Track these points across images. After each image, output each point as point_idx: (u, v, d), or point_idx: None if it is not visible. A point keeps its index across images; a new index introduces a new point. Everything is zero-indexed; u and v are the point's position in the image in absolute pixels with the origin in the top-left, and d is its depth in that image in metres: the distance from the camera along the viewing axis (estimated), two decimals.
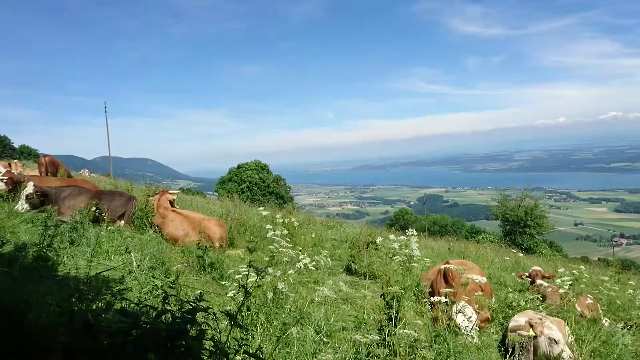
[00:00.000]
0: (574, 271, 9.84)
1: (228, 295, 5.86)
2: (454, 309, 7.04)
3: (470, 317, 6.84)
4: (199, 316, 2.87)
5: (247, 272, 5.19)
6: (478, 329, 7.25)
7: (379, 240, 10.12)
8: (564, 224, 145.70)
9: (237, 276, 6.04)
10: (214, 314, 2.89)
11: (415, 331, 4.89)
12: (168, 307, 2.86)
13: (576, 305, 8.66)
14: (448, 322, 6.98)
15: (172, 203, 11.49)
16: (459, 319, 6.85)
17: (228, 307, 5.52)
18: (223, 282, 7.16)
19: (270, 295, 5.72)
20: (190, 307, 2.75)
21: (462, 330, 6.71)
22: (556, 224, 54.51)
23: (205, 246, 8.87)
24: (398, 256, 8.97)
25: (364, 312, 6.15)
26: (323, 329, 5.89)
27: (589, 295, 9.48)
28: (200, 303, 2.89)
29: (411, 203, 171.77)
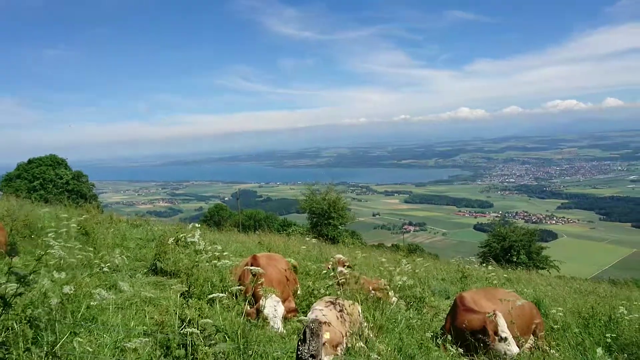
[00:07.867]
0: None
1: None
2: (261, 302, 7.24)
3: (275, 307, 7.08)
4: None
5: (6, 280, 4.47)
6: (284, 319, 7.53)
7: (170, 240, 9.80)
8: (363, 215, 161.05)
9: None
10: None
11: (205, 327, 4.84)
12: None
13: (369, 287, 9.62)
14: (255, 315, 7.15)
15: None
16: (266, 311, 7.06)
17: None
18: None
19: (55, 301, 5.05)
20: None
21: (269, 321, 6.92)
22: (357, 214, 59.63)
23: None
24: (192, 251, 8.82)
25: (166, 314, 5.88)
26: (121, 335, 5.47)
27: (381, 278, 10.64)
28: None
29: (226, 199, 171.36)
